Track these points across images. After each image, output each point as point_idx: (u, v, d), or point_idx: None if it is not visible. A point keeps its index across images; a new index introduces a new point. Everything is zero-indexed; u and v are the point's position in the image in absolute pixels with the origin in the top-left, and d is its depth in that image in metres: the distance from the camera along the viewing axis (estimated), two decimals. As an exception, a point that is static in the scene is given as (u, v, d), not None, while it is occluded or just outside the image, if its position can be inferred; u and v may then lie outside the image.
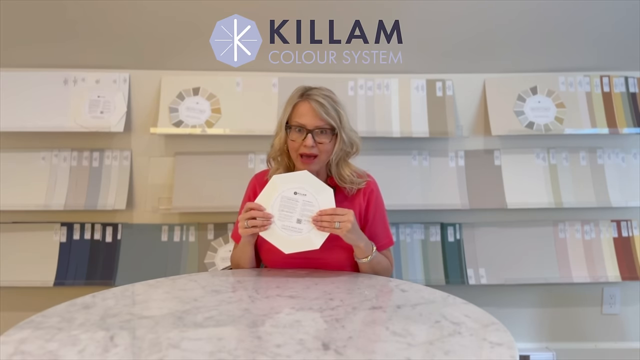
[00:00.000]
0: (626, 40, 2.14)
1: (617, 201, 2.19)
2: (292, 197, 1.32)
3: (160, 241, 2.18)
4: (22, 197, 2.11)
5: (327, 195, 1.33)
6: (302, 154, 1.38)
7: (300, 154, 1.38)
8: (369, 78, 2.21)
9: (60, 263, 2.14)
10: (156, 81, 2.20)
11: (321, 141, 1.38)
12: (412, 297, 1.17)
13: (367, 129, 2.15)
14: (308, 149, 1.36)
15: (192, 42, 2.11)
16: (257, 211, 1.31)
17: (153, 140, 2.22)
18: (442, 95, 2.21)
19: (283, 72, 2.19)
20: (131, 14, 2.00)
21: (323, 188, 1.34)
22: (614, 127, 2.18)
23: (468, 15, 2.03)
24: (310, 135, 1.36)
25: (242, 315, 1.02)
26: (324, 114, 1.37)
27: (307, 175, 1.34)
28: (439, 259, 2.20)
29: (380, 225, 1.49)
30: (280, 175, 1.35)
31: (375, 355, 0.83)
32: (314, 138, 1.36)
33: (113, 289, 1.20)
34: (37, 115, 2.11)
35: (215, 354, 0.82)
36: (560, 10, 2.02)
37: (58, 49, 2.13)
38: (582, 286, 2.28)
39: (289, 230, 1.31)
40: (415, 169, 2.22)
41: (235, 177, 2.14)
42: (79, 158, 2.18)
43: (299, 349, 0.84)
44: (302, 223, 1.32)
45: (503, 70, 2.26)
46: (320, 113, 1.36)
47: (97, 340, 0.88)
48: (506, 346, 0.87)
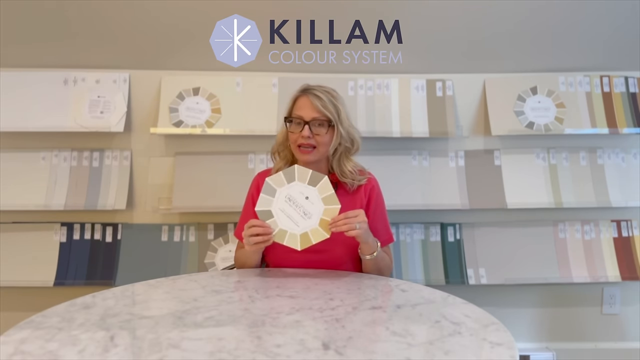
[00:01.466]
0: (626, 40, 2.14)
1: (617, 201, 2.19)
2: (291, 200, 1.33)
3: (160, 241, 2.18)
4: (22, 197, 2.11)
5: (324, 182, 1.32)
6: (300, 144, 1.42)
7: (299, 145, 1.42)
8: (369, 78, 2.21)
9: (60, 263, 2.14)
10: (156, 81, 2.20)
11: (318, 132, 1.42)
12: (412, 297, 1.17)
13: (367, 129, 2.15)
14: (305, 139, 1.41)
15: (192, 42, 2.11)
16: (258, 227, 1.32)
17: (153, 140, 2.22)
18: (442, 95, 2.21)
19: (283, 72, 2.19)
20: (131, 14, 2.00)
21: (317, 176, 1.33)
22: (614, 127, 2.18)
23: (468, 15, 2.03)
24: (307, 127, 1.41)
25: (242, 315, 1.02)
26: (320, 106, 1.41)
27: (299, 168, 1.34)
28: (439, 259, 2.20)
29: (380, 222, 1.51)
30: (272, 177, 1.35)
31: (375, 355, 0.83)
32: (311, 129, 1.41)
33: (113, 289, 1.20)
34: (37, 115, 2.11)
35: (215, 354, 0.82)
36: (560, 11, 2.02)
37: (58, 49, 2.13)
38: (582, 286, 2.28)
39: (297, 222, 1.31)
40: (415, 169, 2.22)
41: (235, 177, 2.14)
42: (79, 158, 2.18)
43: (299, 349, 0.84)
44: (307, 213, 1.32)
45: (503, 70, 2.26)
46: (317, 106, 1.42)
47: (97, 340, 0.88)
48: (506, 346, 0.87)
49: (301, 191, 1.32)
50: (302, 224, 1.32)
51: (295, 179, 1.33)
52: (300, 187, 1.32)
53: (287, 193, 1.32)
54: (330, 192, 1.32)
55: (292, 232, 1.32)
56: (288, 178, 1.33)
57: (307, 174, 1.33)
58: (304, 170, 1.33)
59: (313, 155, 1.43)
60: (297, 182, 1.33)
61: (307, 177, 1.32)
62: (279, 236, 1.32)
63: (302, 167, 1.34)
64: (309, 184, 1.32)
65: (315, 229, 1.31)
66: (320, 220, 1.31)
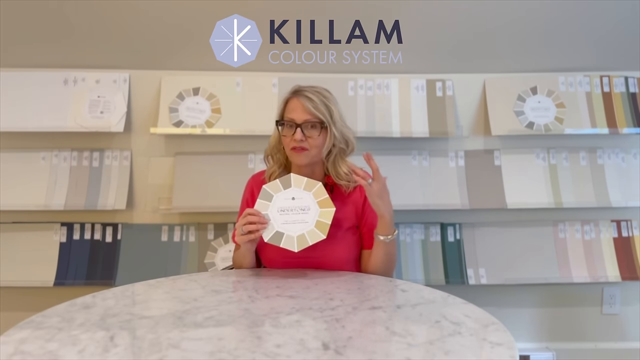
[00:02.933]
0: (626, 40, 2.14)
1: (617, 201, 2.18)
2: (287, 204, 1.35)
3: (160, 241, 2.18)
4: (22, 197, 2.11)
5: (318, 187, 1.37)
6: (294, 147, 1.41)
7: (292, 148, 1.42)
8: (369, 78, 2.21)
9: (60, 263, 2.14)
10: (156, 81, 2.20)
11: (310, 135, 1.40)
12: (412, 297, 1.17)
13: (367, 129, 2.15)
14: (297, 142, 1.40)
15: (192, 42, 2.11)
16: (253, 216, 1.33)
17: (153, 140, 2.22)
18: (442, 95, 2.21)
19: (283, 72, 2.19)
20: (131, 14, 2.00)
21: (312, 183, 1.37)
22: (614, 127, 2.18)
23: (468, 15, 2.03)
24: (299, 129, 1.39)
25: (242, 315, 1.02)
26: (312, 108, 1.40)
27: (294, 176, 1.38)
28: (439, 259, 2.20)
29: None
30: (269, 184, 1.39)
31: (375, 355, 0.83)
32: (303, 132, 1.40)
33: (113, 289, 1.20)
34: (37, 115, 2.11)
35: (215, 354, 0.82)
36: (560, 11, 2.02)
37: (58, 49, 2.13)
38: (582, 286, 2.28)
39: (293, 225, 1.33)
40: (415, 169, 2.22)
41: (235, 177, 2.13)
42: (79, 158, 2.18)
43: (299, 349, 0.84)
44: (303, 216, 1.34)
45: (503, 70, 2.26)
46: (308, 107, 1.40)
47: (97, 340, 0.88)
48: (506, 346, 0.87)
49: (297, 196, 1.36)
50: (299, 226, 1.34)
51: (292, 185, 1.37)
52: (296, 192, 1.36)
53: (284, 197, 1.36)
54: (325, 196, 1.36)
55: (289, 234, 1.33)
56: (284, 185, 1.37)
57: (303, 181, 1.37)
58: (299, 178, 1.38)
59: (306, 157, 1.42)
60: (293, 187, 1.36)
61: (303, 184, 1.36)
62: (276, 239, 1.33)
63: (297, 175, 1.38)
64: (305, 190, 1.36)
65: (312, 230, 1.33)
66: (317, 222, 1.33)
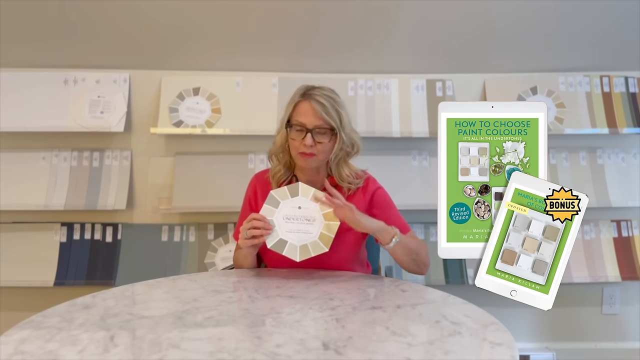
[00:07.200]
0: (626, 40, 2.14)
1: (617, 201, 2.18)
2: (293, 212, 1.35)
3: (160, 241, 2.18)
4: (22, 197, 2.11)
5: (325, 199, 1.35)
6: (302, 152, 1.39)
7: (300, 152, 1.40)
8: (369, 78, 2.21)
9: (60, 263, 2.13)
10: (156, 81, 2.20)
11: (320, 141, 1.38)
12: (412, 297, 1.17)
13: (367, 129, 2.15)
14: (307, 148, 1.37)
15: (192, 42, 2.11)
16: (259, 221, 1.32)
17: (153, 140, 2.22)
18: (442, 95, 2.21)
19: (283, 72, 2.19)
20: (131, 14, 2.00)
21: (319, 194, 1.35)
22: (614, 127, 2.18)
23: (468, 15, 2.03)
24: (309, 135, 1.37)
25: (242, 315, 1.02)
26: (324, 114, 1.37)
27: (302, 185, 1.37)
28: (438, 259, 2.20)
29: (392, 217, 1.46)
30: (276, 190, 1.38)
31: (375, 355, 0.83)
32: (314, 137, 1.37)
33: (113, 289, 1.20)
34: (37, 115, 2.11)
35: (215, 354, 0.82)
36: (560, 11, 2.02)
37: (58, 49, 2.13)
38: (582, 286, 2.28)
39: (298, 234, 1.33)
40: (415, 169, 2.21)
41: (235, 177, 2.13)
42: (79, 158, 2.18)
43: (299, 349, 0.84)
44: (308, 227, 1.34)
45: (503, 70, 2.26)
46: (320, 113, 1.37)
47: (97, 340, 0.88)
48: (506, 346, 0.87)
49: (303, 205, 1.35)
50: (302, 236, 1.33)
51: (299, 194, 1.36)
52: (302, 202, 1.35)
53: (290, 205, 1.35)
54: (330, 209, 1.34)
55: (292, 243, 1.33)
56: (292, 193, 1.36)
57: (310, 191, 1.36)
58: (307, 187, 1.37)
59: (314, 162, 1.41)
60: (300, 196, 1.36)
61: (310, 194, 1.35)
62: (279, 246, 1.33)
63: (305, 185, 1.37)
64: (311, 200, 1.35)
65: (315, 242, 1.33)
66: (320, 234, 1.33)
